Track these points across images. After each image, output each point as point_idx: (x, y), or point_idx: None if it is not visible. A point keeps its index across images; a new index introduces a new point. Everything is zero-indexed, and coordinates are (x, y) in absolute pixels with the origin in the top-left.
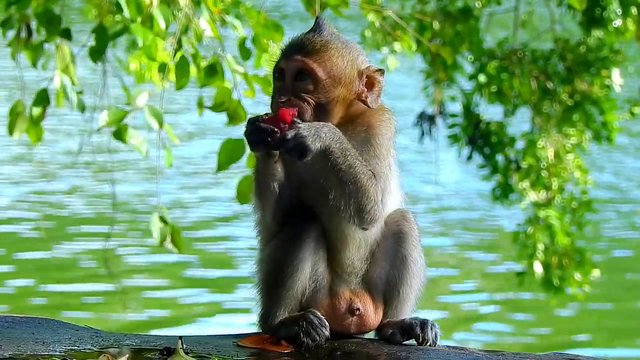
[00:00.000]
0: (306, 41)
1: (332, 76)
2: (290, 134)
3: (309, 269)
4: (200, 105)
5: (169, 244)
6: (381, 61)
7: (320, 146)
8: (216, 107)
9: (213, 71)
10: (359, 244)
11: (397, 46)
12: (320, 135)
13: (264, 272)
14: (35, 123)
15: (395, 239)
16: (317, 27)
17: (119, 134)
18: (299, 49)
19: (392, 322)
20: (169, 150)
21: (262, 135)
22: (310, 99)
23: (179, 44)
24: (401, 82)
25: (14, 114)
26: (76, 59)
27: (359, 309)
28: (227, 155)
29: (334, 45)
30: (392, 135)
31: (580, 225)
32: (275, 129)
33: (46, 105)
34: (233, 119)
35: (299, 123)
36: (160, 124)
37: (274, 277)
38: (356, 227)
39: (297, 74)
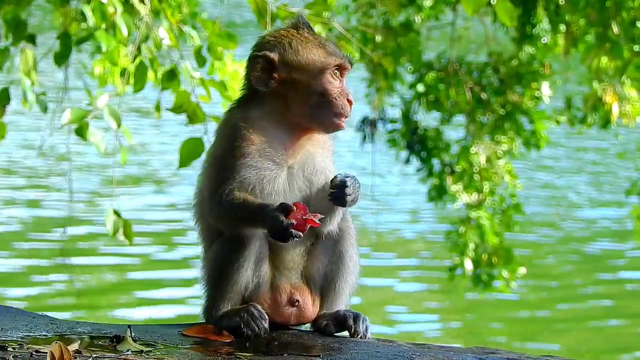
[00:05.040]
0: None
1: None
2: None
3: (253, 266)
4: (158, 108)
5: (120, 236)
6: None
7: None
8: (176, 109)
9: (172, 76)
10: (301, 242)
11: None
12: None
13: (210, 268)
14: None
15: (333, 237)
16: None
17: (81, 131)
18: (345, 53)
19: (327, 314)
20: (124, 148)
21: (292, 237)
22: None
23: (139, 50)
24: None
25: None
26: (46, 61)
27: (298, 301)
28: (188, 153)
29: None
30: None
31: (509, 225)
32: (302, 233)
33: (6, 104)
34: (192, 119)
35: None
36: (118, 124)
37: (219, 273)
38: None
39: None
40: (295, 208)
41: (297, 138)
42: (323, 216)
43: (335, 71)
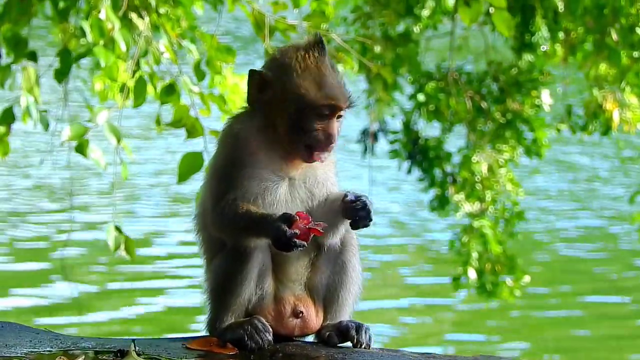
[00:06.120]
0: (342, 84)
1: None
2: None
3: (256, 278)
4: (159, 122)
5: (122, 252)
6: None
7: None
8: (175, 124)
9: (171, 90)
10: (304, 255)
11: (339, 68)
12: None
13: (214, 281)
14: (0, 139)
15: (336, 248)
16: (325, 53)
17: (81, 149)
18: (343, 93)
19: (330, 325)
20: (125, 164)
21: (295, 247)
22: None
23: (137, 66)
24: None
25: None
26: (45, 77)
27: (302, 312)
28: (187, 167)
29: None
30: None
31: (512, 234)
32: (305, 243)
33: (11, 123)
34: (191, 133)
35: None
36: (118, 140)
37: (222, 286)
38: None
39: (338, 115)
40: (298, 217)
41: None
42: (326, 225)
43: (323, 110)
